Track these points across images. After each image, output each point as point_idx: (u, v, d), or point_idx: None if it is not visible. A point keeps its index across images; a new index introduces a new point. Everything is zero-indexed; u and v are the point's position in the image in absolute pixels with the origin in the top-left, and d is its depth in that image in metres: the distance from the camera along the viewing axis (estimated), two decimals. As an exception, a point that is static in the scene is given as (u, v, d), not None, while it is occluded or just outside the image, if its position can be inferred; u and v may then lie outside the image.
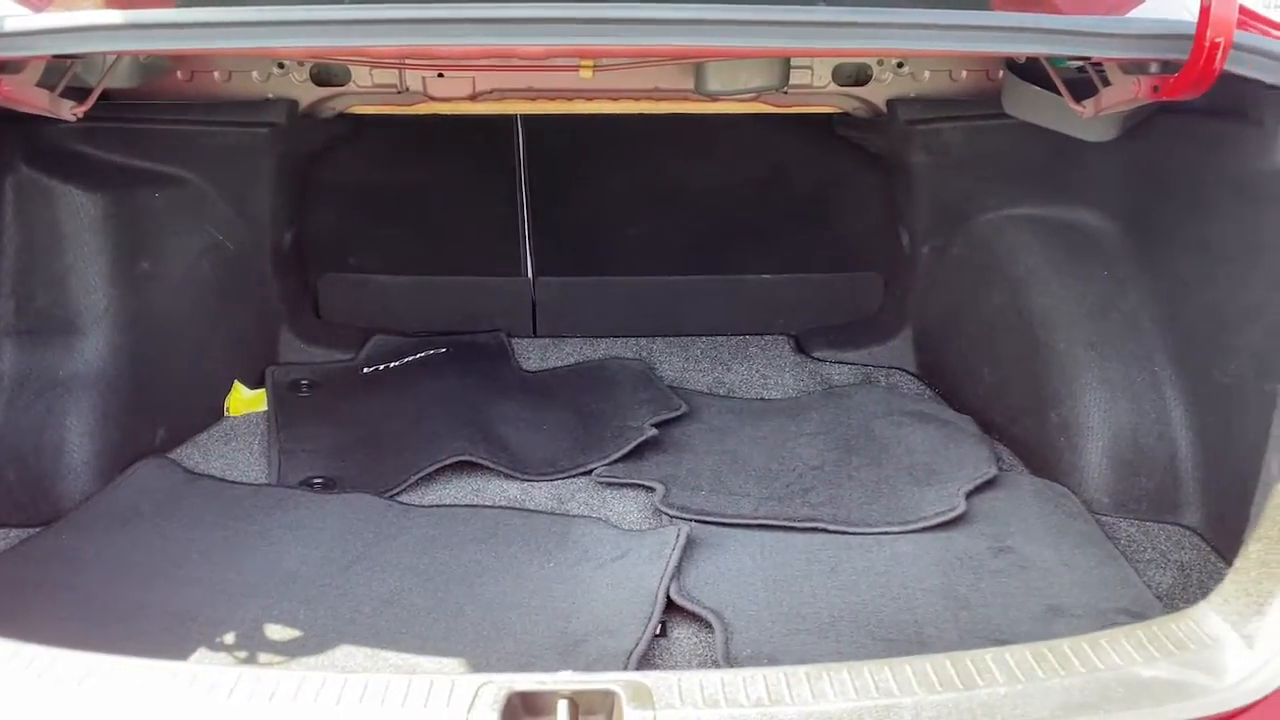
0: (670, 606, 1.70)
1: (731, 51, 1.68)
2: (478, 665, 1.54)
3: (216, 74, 2.29)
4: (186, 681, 1.11)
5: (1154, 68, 1.55)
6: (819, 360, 2.74)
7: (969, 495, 2.00)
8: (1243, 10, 1.65)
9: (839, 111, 2.53)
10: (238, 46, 1.34)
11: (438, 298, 2.85)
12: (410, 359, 2.66)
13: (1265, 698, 1.11)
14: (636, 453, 2.23)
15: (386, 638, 1.61)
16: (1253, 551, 1.26)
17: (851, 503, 2.01)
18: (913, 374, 2.67)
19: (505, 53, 1.82)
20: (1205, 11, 1.38)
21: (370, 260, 2.80)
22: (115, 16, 1.48)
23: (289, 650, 1.57)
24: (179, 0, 1.93)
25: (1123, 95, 1.65)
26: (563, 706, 1.10)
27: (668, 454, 2.24)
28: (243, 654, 1.56)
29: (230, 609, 1.67)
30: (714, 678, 1.14)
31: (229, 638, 1.59)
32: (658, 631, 1.65)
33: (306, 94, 2.35)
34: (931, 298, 2.61)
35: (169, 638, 1.59)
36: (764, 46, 1.39)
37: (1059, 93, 1.91)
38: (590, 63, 2.13)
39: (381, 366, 2.64)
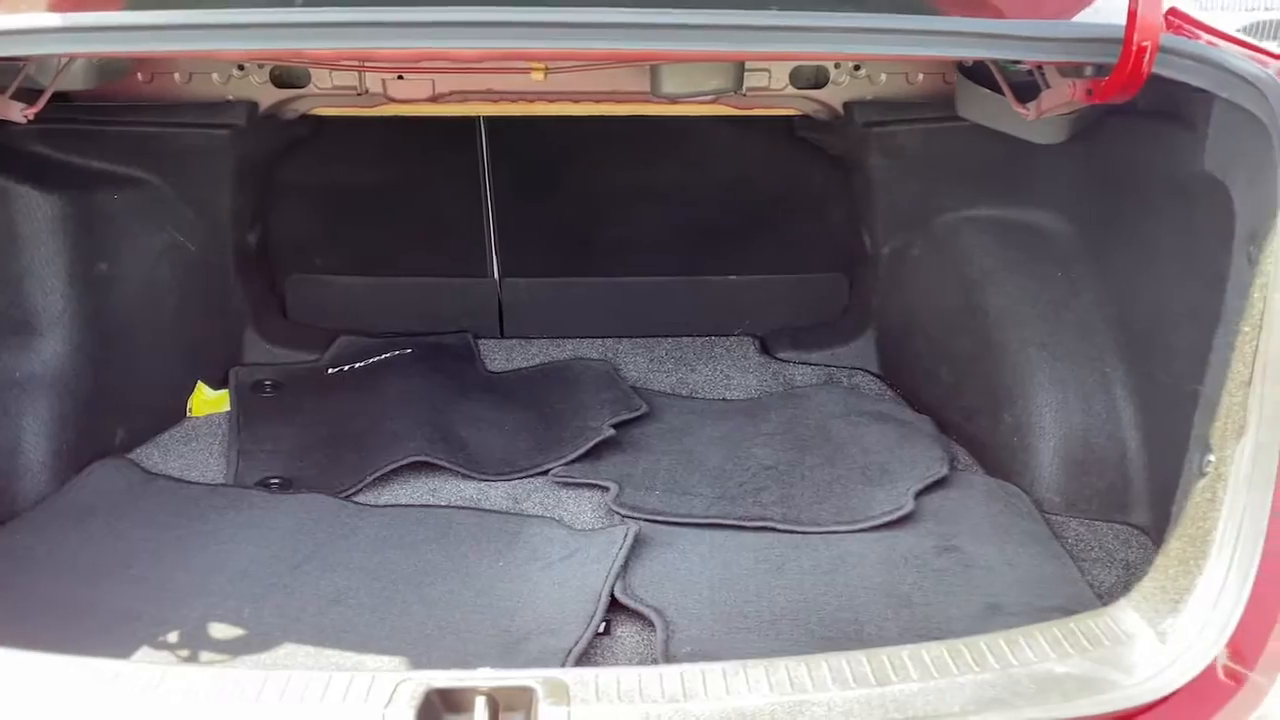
0: (616, 605, 1.72)
1: (666, 55, 1.69)
2: (419, 663, 1.55)
3: (176, 76, 2.30)
4: (108, 678, 1.12)
5: (1089, 71, 1.57)
6: (783, 361, 2.75)
7: (919, 495, 2.02)
8: (1176, 13, 1.68)
9: (799, 114, 2.54)
10: (174, 50, 1.36)
11: (405, 299, 2.86)
12: (375, 360, 2.67)
13: (1173, 693, 1.12)
14: (595, 452, 2.24)
15: (330, 636, 1.62)
16: (1172, 549, 1.27)
17: (802, 502, 2.03)
18: (875, 374, 2.68)
19: (439, 55, 1.83)
20: (1133, 16, 1.40)
21: (337, 261, 2.81)
22: (61, 19, 1.49)
23: (231, 649, 1.59)
24: (128, 2, 1.94)
25: (1060, 98, 1.66)
26: (480, 703, 1.11)
27: (626, 454, 2.26)
28: (185, 652, 1.57)
29: (176, 608, 1.68)
30: (632, 674, 1.15)
31: (172, 636, 1.60)
32: (601, 630, 1.66)
33: (267, 96, 2.36)
34: (893, 299, 2.63)
35: (113, 636, 1.60)
36: (691, 50, 1.40)
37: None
38: (541, 66, 2.15)
39: (346, 367, 2.65)
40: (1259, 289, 1.25)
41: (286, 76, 2.34)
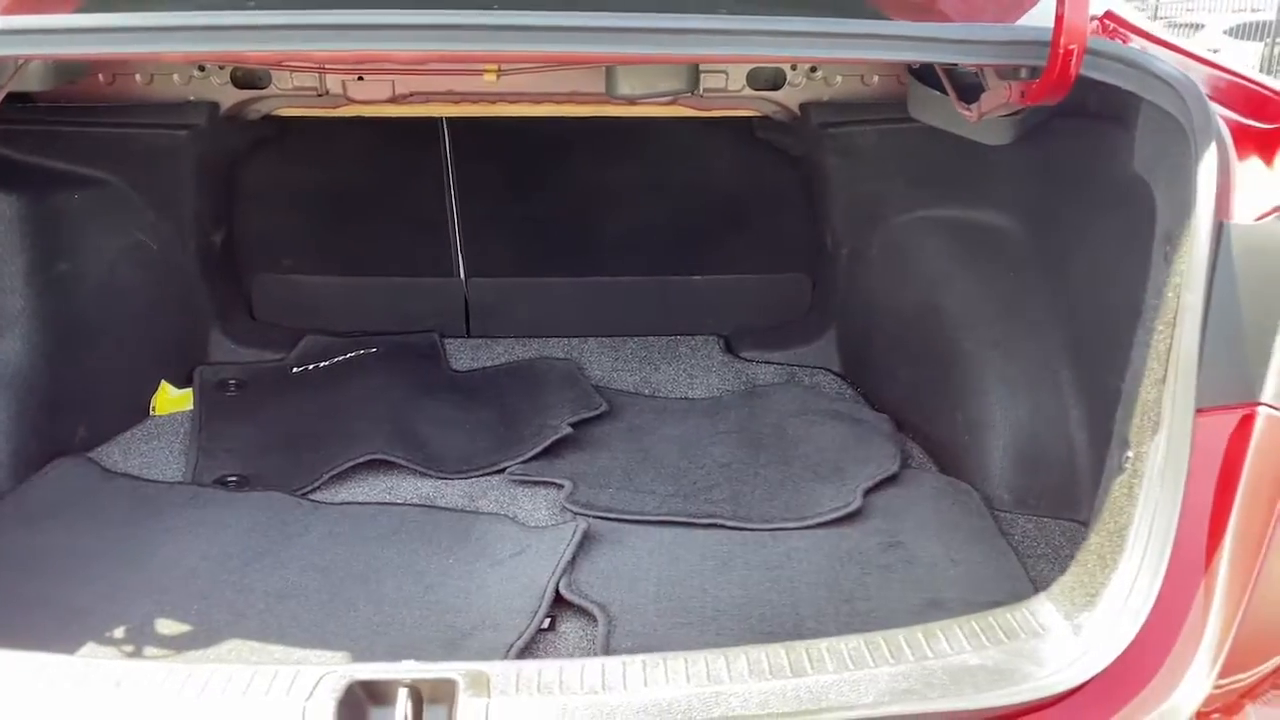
0: (562, 601, 1.74)
1: (608, 58, 1.71)
2: (361, 659, 1.57)
3: (138, 77, 2.32)
4: (33, 670, 1.14)
5: (1023, 73, 1.59)
6: (747, 360, 2.77)
7: (868, 492, 2.04)
8: (1111, 16, 1.70)
9: (759, 115, 2.57)
10: (97, 52, 1.37)
11: (372, 299, 2.87)
12: (340, 359, 2.69)
13: (1082, 685, 1.15)
14: (553, 451, 2.26)
15: (275, 632, 1.64)
16: (1092, 544, 1.30)
17: (753, 500, 2.05)
18: (837, 374, 2.70)
19: (382, 58, 1.85)
20: (1059, 20, 1.42)
21: (304, 261, 2.83)
22: (4, 22, 1.50)
23: (175, 645, 1.60)
24: (77, 6, 1.95)
25: (998, 99, 1.68)
26: (403, 695, 1.13)
27: (583, 452, 2.28)
28: (129, 648, 1.58)
29: (126, 605, 1.70)
30: (553, 667, 1.17)
31: (119, 633, 1.62)
32: (545, 625, 1.68)
33: (227, 97, 2.37)
34: (853, 298, 2.65)
35: (61, 633, 1.61)
36: (628, 53, 1.42)
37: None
38: (493, 68, 2.17)
39: (311, 366, 2.66)
40: (1173, 288, 1.27)
41: (247, 78, 2.35)
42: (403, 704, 1.13)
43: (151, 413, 2.46)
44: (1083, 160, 1.92)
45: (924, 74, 2.14)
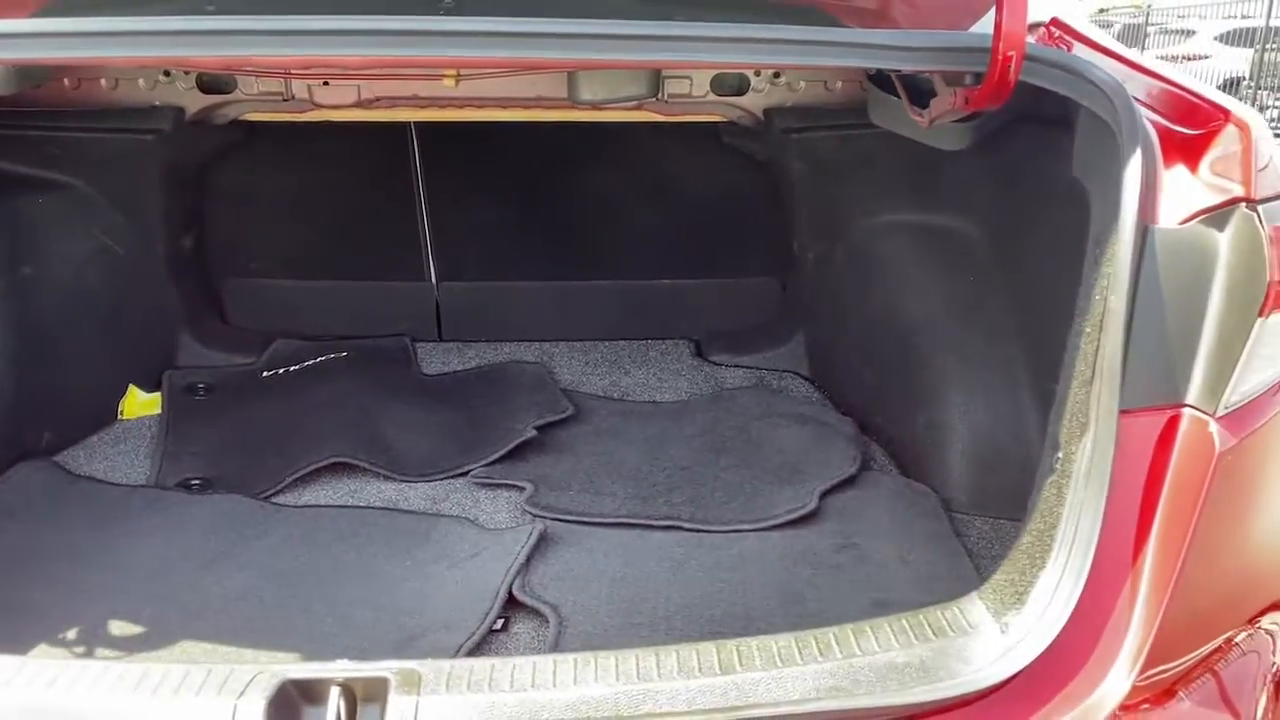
0: (516, 602, 1.75)
1: (554, 64, 1.73)
2: (312, 659, 1.58)
3: (103, 81, 2.33)
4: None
5: (968, 79, 1.61)
6: (716, 364, 2.79)
7: (826, 494, 2.06)
8: (1057, 23, 1.72)
9: (725, 120, 2.59)
10: (44, 57, 1.38)
11: (344, 303, 2.89)
12: (310, 363, 2.70)
13: (1005, 682, 1.16)
14: (518, 454, 2.27)
15: (228, 634, 1.65)
16: (1023, 544, 1.31)
17: (712, 502, 2.06)
18: (805, 378, 2.72)
19: (331, 63, 1.87)
20: (998, 26, 1.44)
21: (275, 266, 2.84)
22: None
23: (128, 646, 1.61)
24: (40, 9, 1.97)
25: (944, 105, 1.71)
26: (335, 693, 1.14)
27: (548, 455, 2.29)
28: (81, 649, 1.59)
29: (80, 606, 1.71)
30: (485, 665, 1.18)
31: (72, 634, 1.63)
32: (498, 626, 1.69)
33: (193, 101, 2.39)
34: (820, 302, 2.67)
35: (14, 635, 1.62)
36: (568, 59, 1.44)
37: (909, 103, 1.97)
38: (452, 73, 2.18)
39: (281, 370, 2.68)
40: (1099, 291, 1.29)
41: (213, 82, 2.37)
42: (335, 702, 1.14)
43: (119, 417, 2.47)
44: (1035, 165, 1.94)
45: (882, 80, 2.17)
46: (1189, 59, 16.37)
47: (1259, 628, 1.40)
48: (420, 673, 1.16)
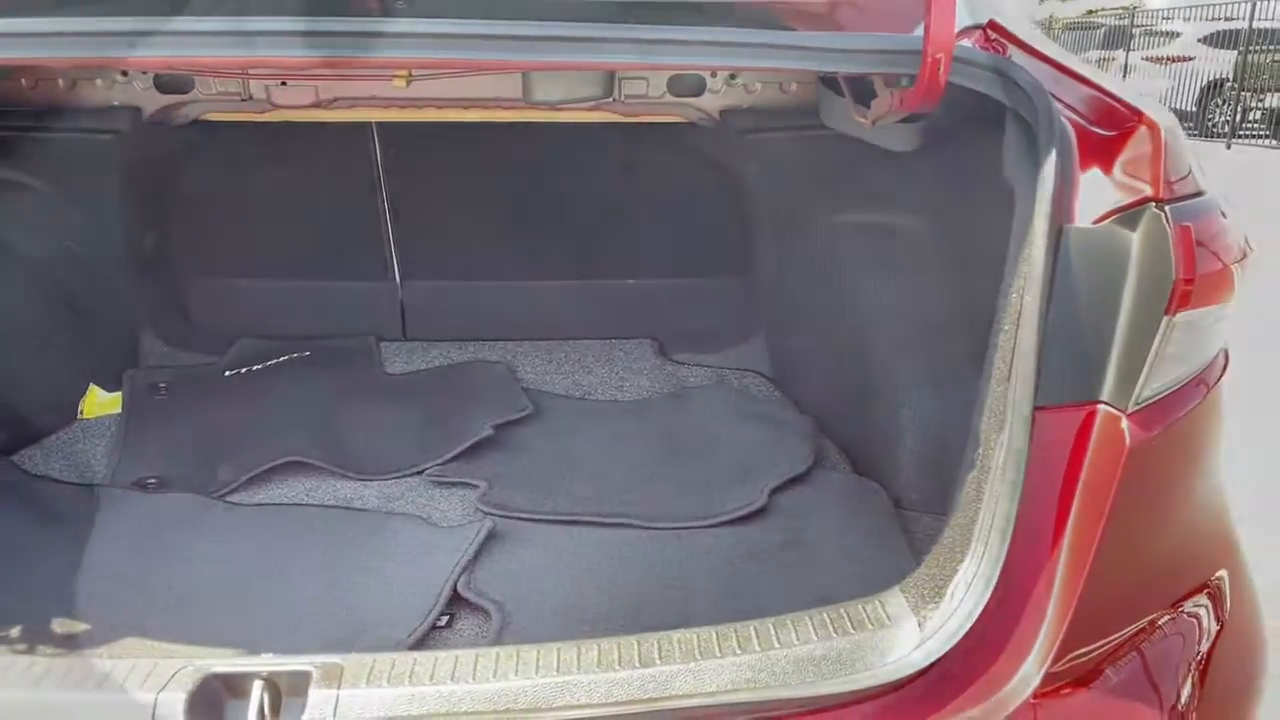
0: (464, 600, 1.76)
1: (497, 65, 1.74)
2: (255, 653, 1.59)
3: (61, 81, 2.33)
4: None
5: (903, 81, 1.63)
6: (679, 363, 2.81)
7: (776, 490, 2.08)
8: (993, 26, 1.74)
9: (684, 121, 2.60)
10: None
11: (309, 302, 2.89)
12: (273, 362, 2.71)
13: (920, 673, 1.18)
14: (475, 452, 2.28)
15: (174, 631, 1.66)
16: (945, 539, 1.33)
17: (664, 500, 2.08)
18: (767, 376, 2.74)
19: (264, 63, 1.88)
20: (927, 29, 1.46)
21: (240, 265, 2.84)
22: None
23: (71, 643, 1.62)
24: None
25: (884, 107, 1.73)
26: (258, 686, 1.16)
27: (505, 453, 2.30)
28: (22, 647, 1.60)
29: (25, 603, 1.71)
30: (408, 658, 1.20)
31: (14, 631, 1.63)
32: (442, 623, 1.71)
33: (151, 101, 2.39)
34: (780, 301, 2.69)
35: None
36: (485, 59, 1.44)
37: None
38: (403, 73, 2.20)
39: (244, 370, 2.68)
40: (1016, 290, 1.31)
41: (171, 82, 2.37)
42: (257, 696, 1.15)
43: (79, 416, 2.48)
44: (977, 166, 1.96)
45: (831, 82, 2.19)
46: (1173, 61, 16.49)
47: (1182, 611, 1.43)
48: (343, 666, 1.18)
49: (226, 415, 2.43)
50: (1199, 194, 1.32)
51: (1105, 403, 1.25)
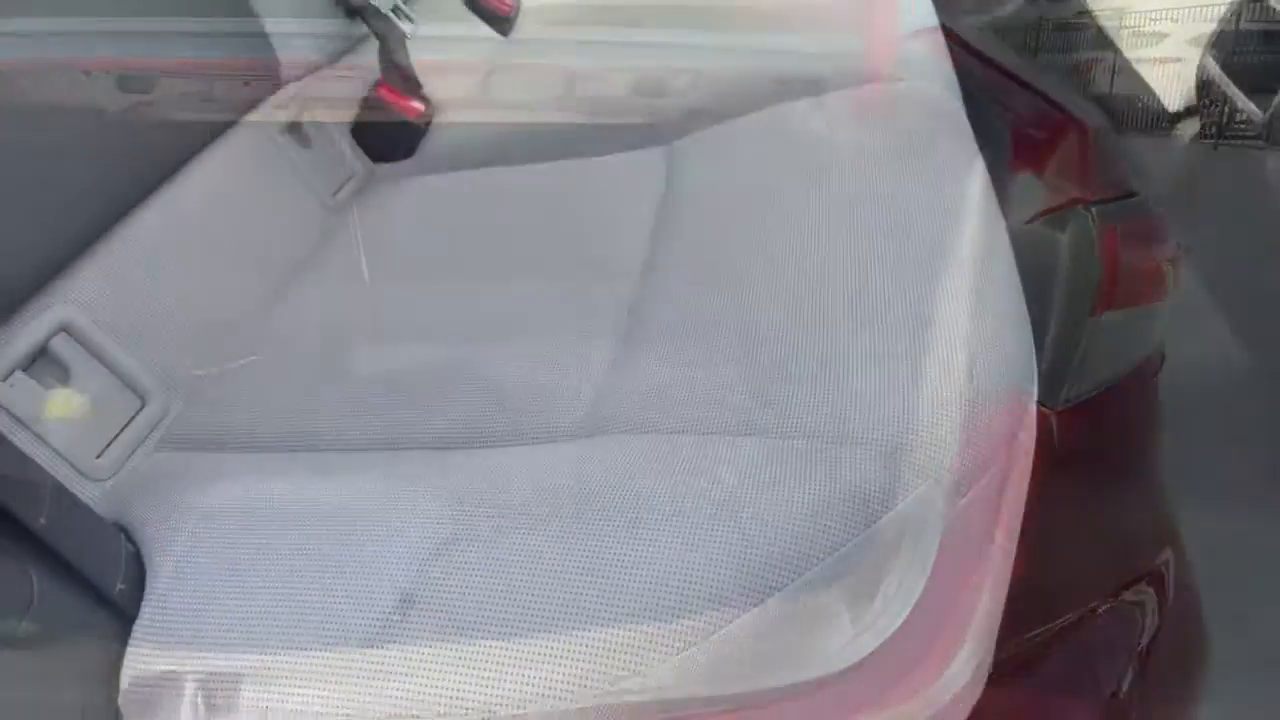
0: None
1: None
2: None
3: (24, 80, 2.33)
4: None
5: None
6: None
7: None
8: (942, 29, 1.77)
9: (647, 124, 2.61)
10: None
11: None
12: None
13: (853, 666, 1.20)
14: None
15: None
16: (878, 532, 1.35)
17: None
18: None
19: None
20: (870, 32, 1.49)
21: None
22: None
23: None
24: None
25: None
26: None
27: None
28: None
29: None
30: None
31: None
32: None
33: (113, 102, 2.39)
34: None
35: None
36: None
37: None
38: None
39: None
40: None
41: (134, 82, 2.37)
42: None
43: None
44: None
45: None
46: (1161, 62, 16.58)
47: (1123, 600, 1.45)
48: None
49: None
50: (1129, 195, 1.35)
51: (1035, 400, 1.27)
